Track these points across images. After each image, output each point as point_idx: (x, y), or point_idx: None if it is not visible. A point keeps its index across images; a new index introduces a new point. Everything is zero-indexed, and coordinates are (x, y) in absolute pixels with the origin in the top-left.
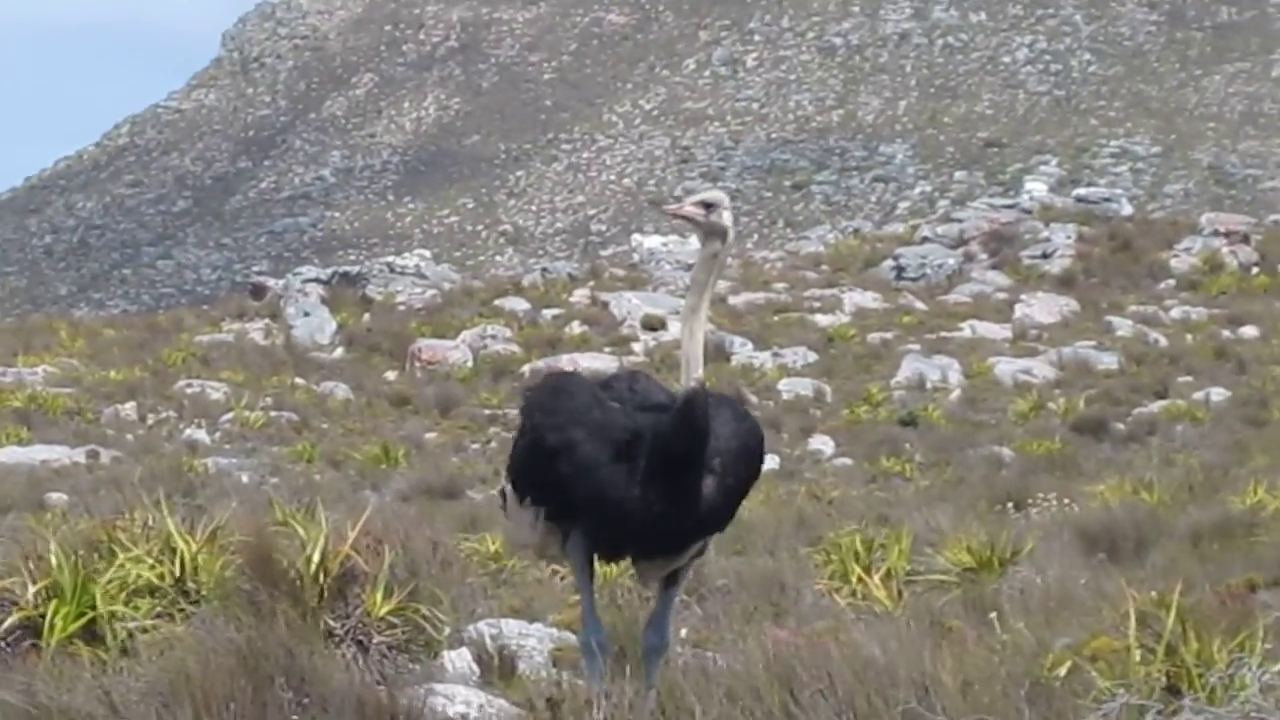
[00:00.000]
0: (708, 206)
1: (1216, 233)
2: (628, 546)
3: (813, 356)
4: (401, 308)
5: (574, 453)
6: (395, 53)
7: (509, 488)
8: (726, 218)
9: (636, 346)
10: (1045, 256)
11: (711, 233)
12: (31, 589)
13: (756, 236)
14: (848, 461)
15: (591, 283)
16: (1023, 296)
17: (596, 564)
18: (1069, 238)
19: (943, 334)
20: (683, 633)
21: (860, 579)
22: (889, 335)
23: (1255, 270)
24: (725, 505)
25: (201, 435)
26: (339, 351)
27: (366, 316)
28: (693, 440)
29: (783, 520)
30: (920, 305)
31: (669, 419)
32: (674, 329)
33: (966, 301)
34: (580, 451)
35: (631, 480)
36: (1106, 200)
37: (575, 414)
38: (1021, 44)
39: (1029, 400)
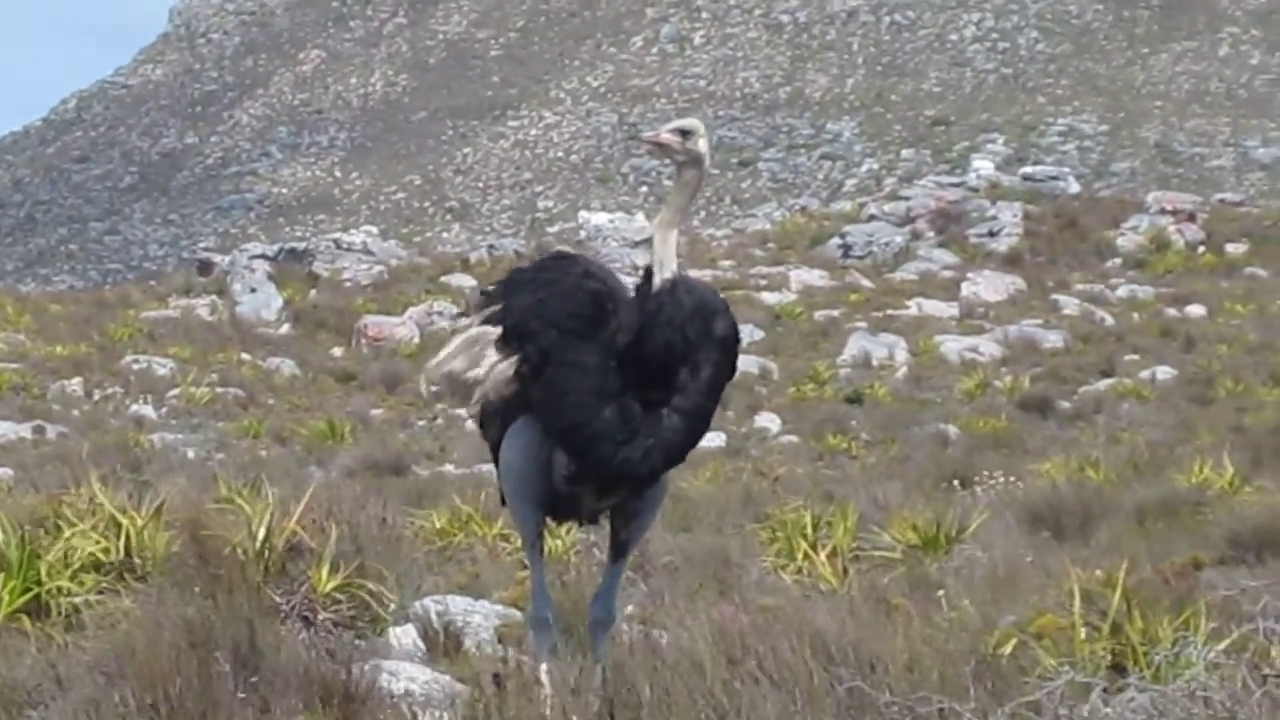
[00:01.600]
0: (684, 134)
1: (1163, 211)
2: (591, 484)
3: (759, 334)
4: (348, 284)
5: (580, 367)
6: (342, 28)
7: (479, 322)
8: (703, 145)
9: None
10: (992, 235)
11: (688, 160)
12: None
13: (703, 214)
14: (794, 439)
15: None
16: (969, 275)
17: (546, 537)
18: (1016, 216)
19: (889, 312)
20: (629, 609)
21: (806, 556)
22: (835, 313)
23: (1201, 249)
24: (686, 431)
25: (148, 411)
26: (285, 328)
27: (313, 293)
28: (669, 331)
29: (729, 497)
30: (867, 283)
31: (647, 314)
32: None
33: (913, 279)
34: (583, 357)
35: (611, 418)
36: (1053, 178)
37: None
38: (969, 21)
39: (975, 378)
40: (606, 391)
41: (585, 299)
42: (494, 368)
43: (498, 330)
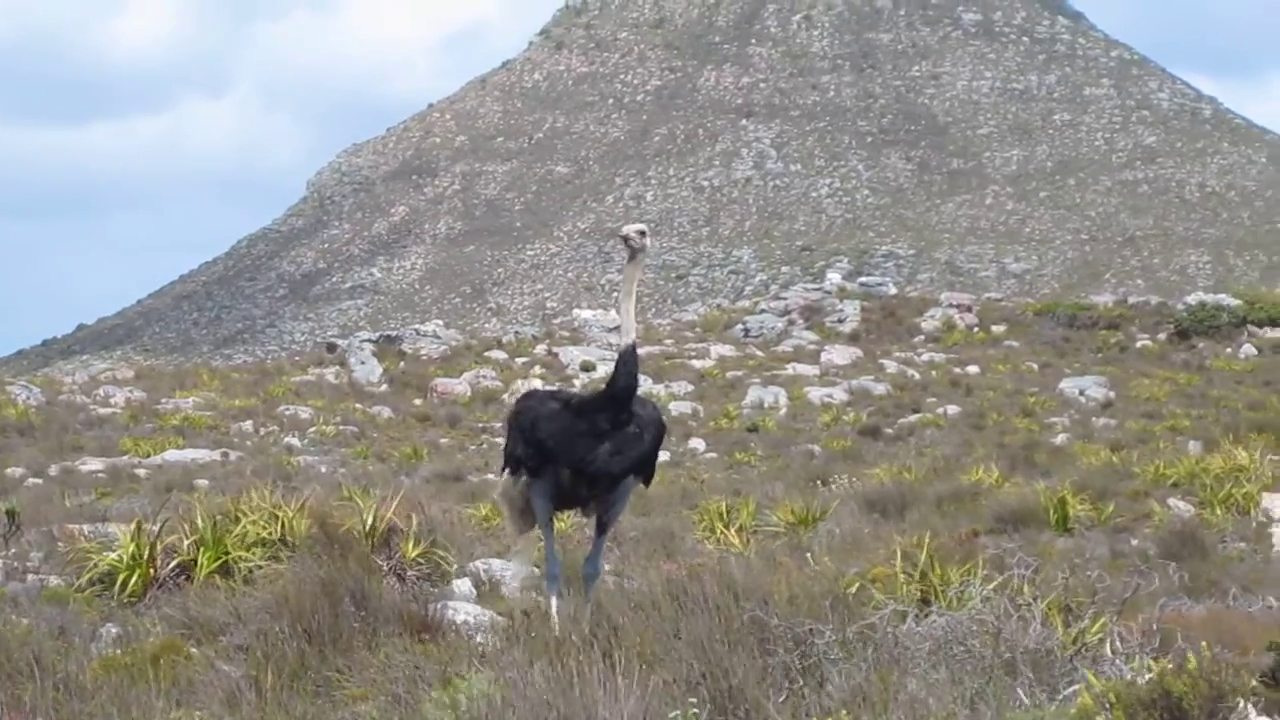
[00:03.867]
0: (641, 233)
1: (951, 305)
2: (582, 482)
3: (690, 387)
4: (424, 357)
5: (544, 419)
6: (419, 193)
7: (505, 474)
8: (647, 240)
9: (577, 382)
10: (840, 321)
11: (638, 248)
12: (186, 541)
13: (653, 310)
14: (714, 455)
15: (547, 340)
16: (826, 347)
17: (555, 519)
18: (855, 309)
19: (774, 372)
20: (607, 566)
21: (722, 530)
22: (740, 373)
23: (975, 329)
24: (648, 448)
25: (295, 442)
26: (384, 386)
27: (401, 364)
28: (629, 377)
29: (672, 494)
30: (759, 353)
31: (615, 364)
32: (602, 369)
33: (789, 351)
34: (547, 414)
35: (582, 430)
36: (880, 285)
37: (544, 402)
38: (824, 184)
39: (830, 414)
40: (570, 422)
41: (534, 402)
42: (524, 485)
43: (507, 473)
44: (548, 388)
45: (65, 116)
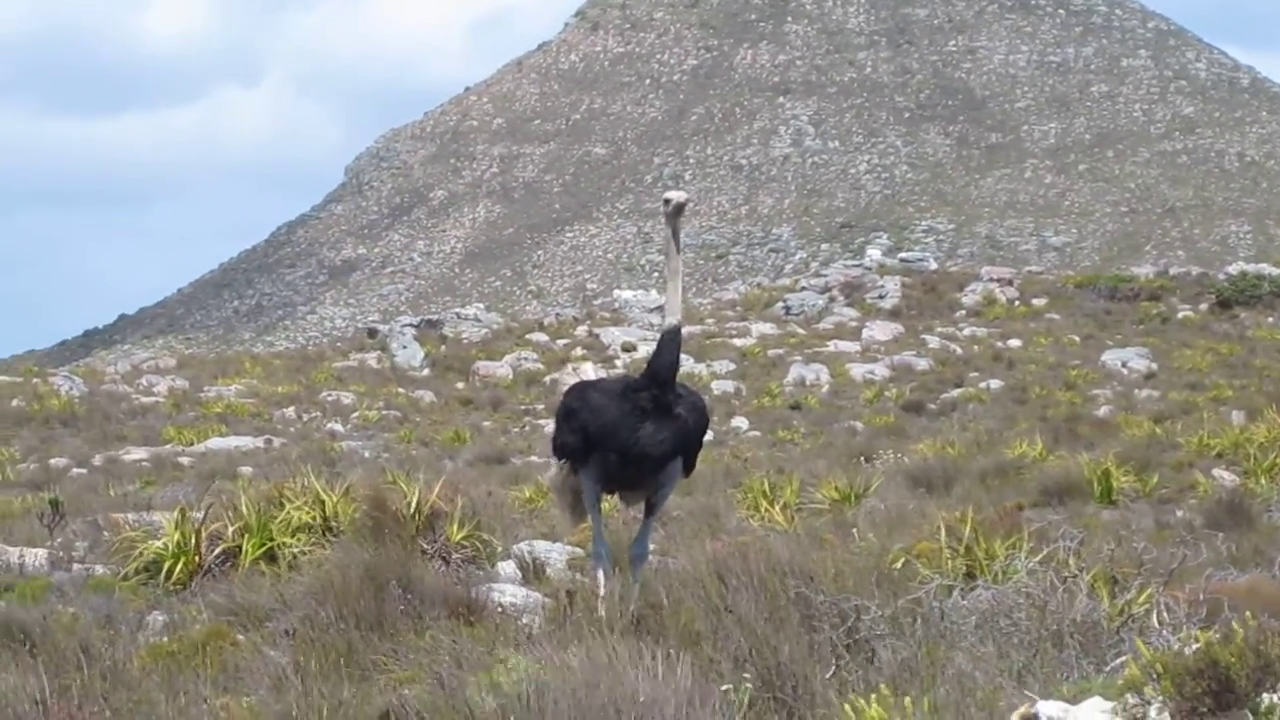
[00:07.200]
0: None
1: (991, 279)
2: (629, 464)
3: (732, 366)
4: (466, 341)
5: (588, 411)
6: (458, 176)
7: (552, 460)
8: (688, 207)
9: (618, 363)
10: (881, 297)
11: (680, 212)
12: (231, 528)
13: (694, 289)
14: (757, 433)
15: (588, 322)
16: (867, 324)
17: (602, 501)
18: (896, 285)
19: (816, 349)
20: (653, 546)
21: (766, 508)
22: (781, 351)
23: (1016, 303)
24: (692, 431)
25: (338, 427)
26: (426, 370)
27: (443, 347)
28: (671, 354)
29: (715, 472)
30: (801, 331)
31: (657, 344)
32: (643, 350)
33: (830, 328)
34: (592, 406)
35: (625, 412)
36: (920, 260)
37: (588, 390)
38: (862, 160)
39: (873, 390)
40: (615, 408)
41: (579, 393)
42: (574, 474)
43: (557, 460)
44: (598, 376)
45: (99, 108)
